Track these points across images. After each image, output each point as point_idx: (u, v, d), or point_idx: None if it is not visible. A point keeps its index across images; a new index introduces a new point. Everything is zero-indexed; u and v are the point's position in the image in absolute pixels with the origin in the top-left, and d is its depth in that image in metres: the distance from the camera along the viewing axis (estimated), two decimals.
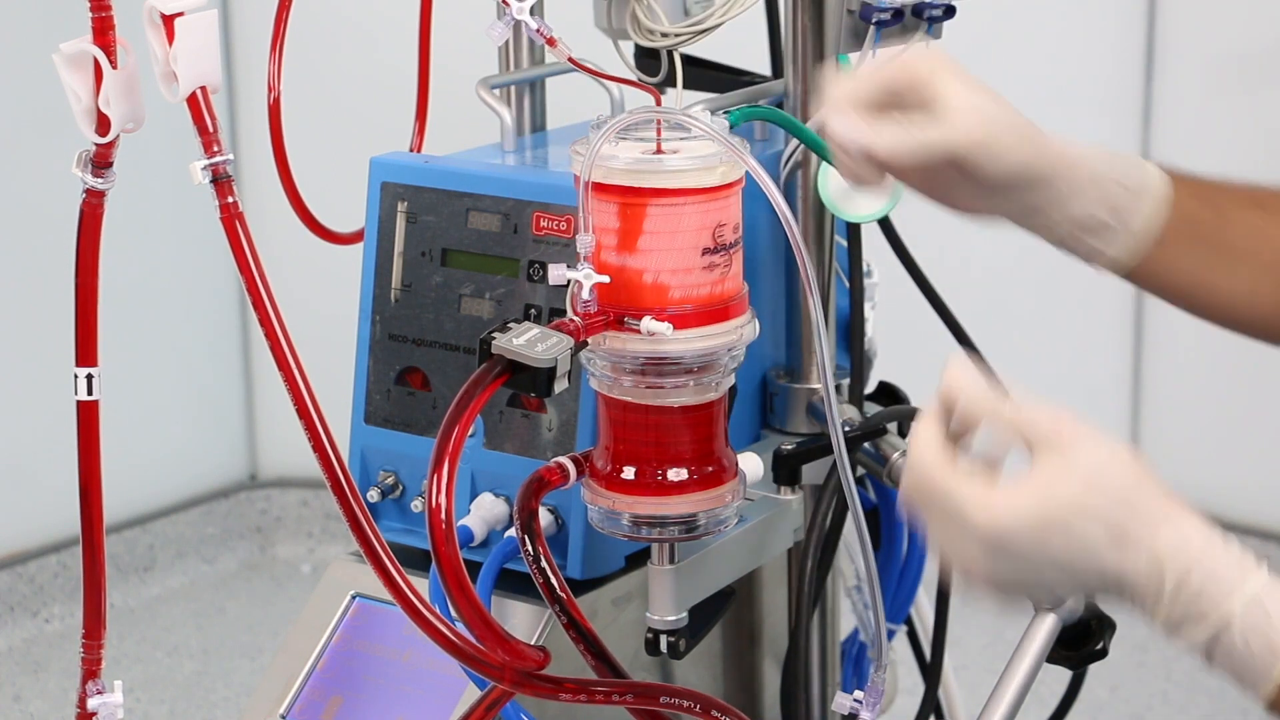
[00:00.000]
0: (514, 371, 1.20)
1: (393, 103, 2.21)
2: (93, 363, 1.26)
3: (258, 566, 3.57)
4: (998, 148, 1.28)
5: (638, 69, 1.65)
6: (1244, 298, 1.39)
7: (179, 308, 3.46)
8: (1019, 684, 1.43)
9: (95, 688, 1.31)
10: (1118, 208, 1.35)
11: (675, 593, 1.36)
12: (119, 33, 1.15)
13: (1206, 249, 1.38)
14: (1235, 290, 1.39)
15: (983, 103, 1.28)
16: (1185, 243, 1.37)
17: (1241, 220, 1.39)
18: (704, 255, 1.24)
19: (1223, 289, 1.39)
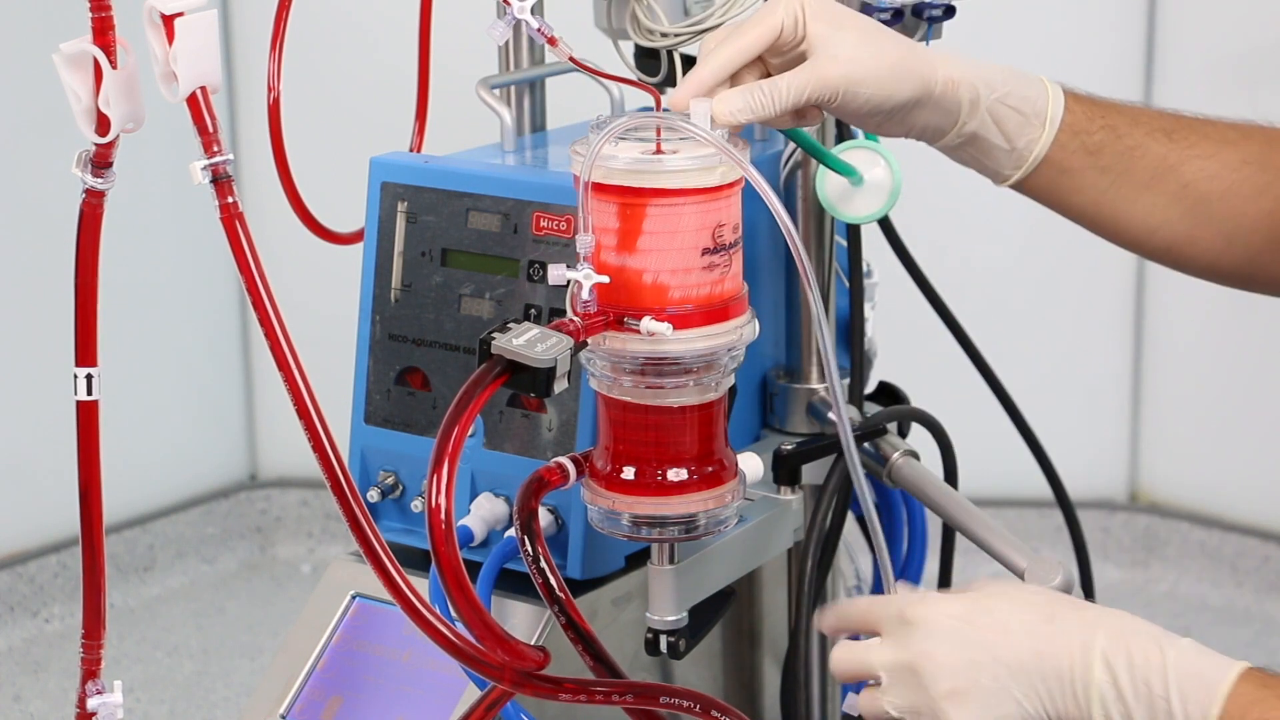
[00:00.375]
0: (514, 371, 1.20)
1: (393, 103, 2.21)
2: (92, 363, 1.26)
3: (258, 566, 3.57)
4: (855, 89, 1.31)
5: (638, 69, 1.65)
6: (1145, 225, 1.42)
7: (179, 308, 3.46)
8: None
9: (95, 688, 1.31)
10: (1007, 131, 1.38)
11: (675, 593, 1.36)
12: (119, 33, 1.14)
13: (1109, 176, 1.41)
14: (1136, 217, 1.42)
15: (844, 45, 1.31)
16: (1087, 170, 1.40)
17: (1148, 149, 1.41)
18: (704, 255, 1.24)
19: (1124, 215, 1.42)
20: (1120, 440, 3.37)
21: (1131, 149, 1.41)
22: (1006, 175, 1.41)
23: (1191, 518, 3.32)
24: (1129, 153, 1.41)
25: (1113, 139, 1.41)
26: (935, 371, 2.09)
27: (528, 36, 1.64)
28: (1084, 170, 1.40)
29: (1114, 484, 3.39)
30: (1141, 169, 1.41)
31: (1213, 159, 1.42)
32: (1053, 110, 1.39)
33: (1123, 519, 3.34)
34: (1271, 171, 1.42)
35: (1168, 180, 1.41)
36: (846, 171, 1.48)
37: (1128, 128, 1.42)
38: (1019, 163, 1.39)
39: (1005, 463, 2.17)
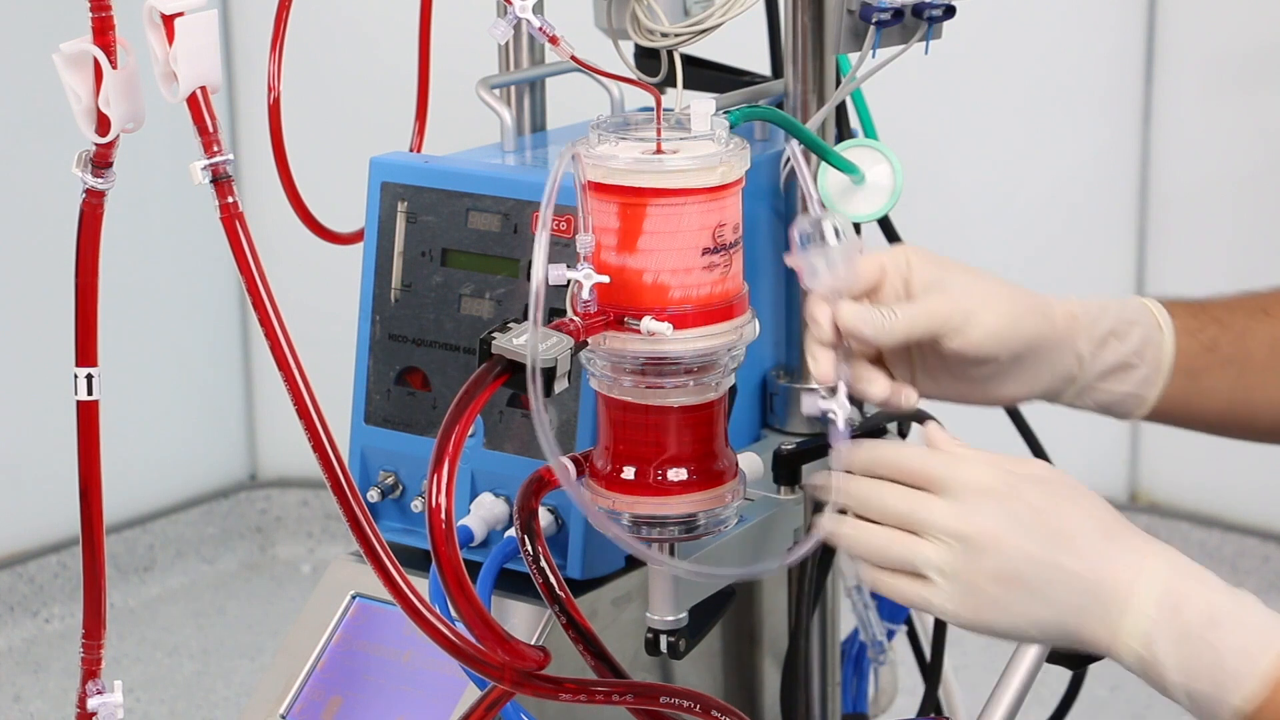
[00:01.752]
0: (514, 371, 1.20)
1: (393, 103, 2.21)
2: (93, 363, 1.26)
3: (258, 566, 3.57)
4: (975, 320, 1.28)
5: (638, 69, 1.65)
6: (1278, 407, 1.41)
7: (179, 308, 3.46)
8: (1019, 684, 1.43)
9: (95, 688, 1.31)
10: (1139, 349, 1.36)
11: (675, 593, 1.36)
12: (119, 33, 1.14)
13: (1233, 368, 1.39)
14: (1268, 402, 1.40)
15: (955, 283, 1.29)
16: (1212, 367, 1.38)
17: (1255, 331, 1.40)
18: (704, 255, 1.24)
19: (1258, 404, 1.41)
20: (1120, 440, 3.37)
21: (1241, 334, 1.39)
22: (1146, 398, 1.37)
23: (1191, 518, 3.32)
24: (1240, 338, 1.39)
25: (1222, 330, 1.39)
26: None
27: (528, 36, 1.64)
28: (1209, 369, 1.38)
29: (1114, 484, 3.39)
30: (1257, 351, 1.39)
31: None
32: (1161, 317, 1.37)
33: None
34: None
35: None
36: (848, 169, 1.48)
37: (1229, 315, 1.40)
38: (1155, 377, 1.36)
39: None
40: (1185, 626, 1.12)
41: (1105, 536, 1.16)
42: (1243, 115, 3.19)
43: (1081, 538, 1.16)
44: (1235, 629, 1.11)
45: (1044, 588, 1.15)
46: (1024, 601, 1.15)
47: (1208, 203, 3.24)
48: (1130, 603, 1.13)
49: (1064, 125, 3.29)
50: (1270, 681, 1.09)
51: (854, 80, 1.52)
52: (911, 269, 1.28)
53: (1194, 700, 1.12)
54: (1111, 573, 1.14)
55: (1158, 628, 1.12)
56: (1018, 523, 1.16)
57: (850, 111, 1.66)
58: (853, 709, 1.90)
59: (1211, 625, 1.11)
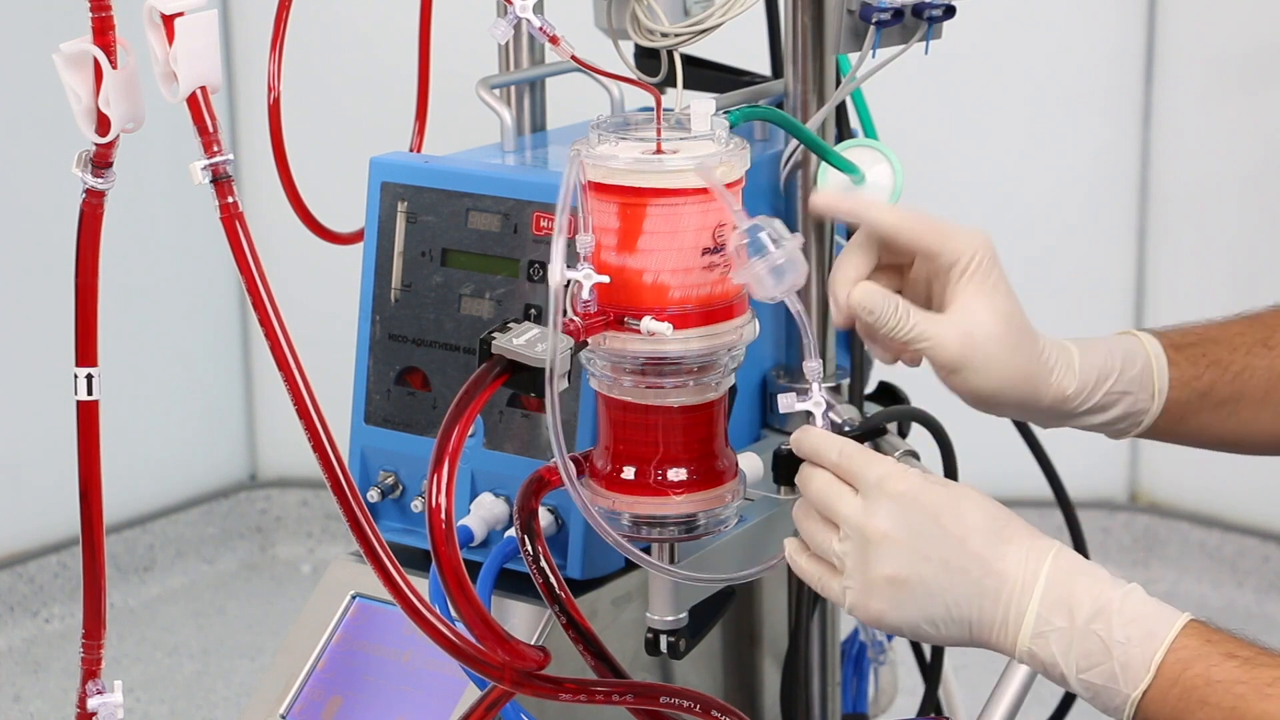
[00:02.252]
0: (514, 371, 1.20)
1: (393, 103, 2.21)
2: (93, 363, 1.26)
3: (258, 566, 3.57)
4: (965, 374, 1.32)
5: (638, 69, 1.65)
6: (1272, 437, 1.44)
7: (179, 308, 3.46)
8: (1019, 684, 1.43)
9: (95, 688, 1.31)
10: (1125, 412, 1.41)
11: (675, 593, 1.36)
12: (119, 33, 1.14)
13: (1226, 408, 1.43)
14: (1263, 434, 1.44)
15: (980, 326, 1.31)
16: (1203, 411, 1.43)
17: (1254, 369, 1.42)
18: (704, 255, 1.24)
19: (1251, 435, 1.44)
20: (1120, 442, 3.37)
21: (1239, 374, 1.42)
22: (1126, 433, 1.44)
23: (1191, 518, 3.32)
24: (1237, 379, 1.42)
25: (1219, 373, 1.42)
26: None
27: (528, 36, 1.64)
28: (1199, 412, 1.42)
29: (1114, 484, 3.39)
30: (1254, 389, 1.42)
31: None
32: (1159, 380, 1.41)
33: (1123, 519, 3.34)
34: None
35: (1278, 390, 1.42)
36: (849, 169, 1.48)
37: (1228, 356, 1.43)
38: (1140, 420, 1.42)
39: (1005, 463, 2.17)
40: (1076, 623, 1.15)
41: (999, 538, 1.19)
42: (1243, 115, 3.19)
43: (975, 539, 1.18)
44: (1124, 622, 1.14)
45: (936, 587, 1.18)
46: (917, 600, 1.18)
47: (1208, 203, 3.23)
48: (1022, 602, 1.16)
49: (1064, 125, 3.28)
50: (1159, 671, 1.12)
51: (854, 80, 1.52)
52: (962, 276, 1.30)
53: (1091, 691, 1.15)
54: (1003, 573, 1.17)
55: (1049, 626, 1.15)
56: (913, 523, 1.19)
57: (850, 111, 1.65)
58: (853, 709, 1.90)
59: (1101, 619, 1.14)
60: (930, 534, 1.18)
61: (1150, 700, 1.12)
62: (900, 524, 1.19)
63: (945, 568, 1.18)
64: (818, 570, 1.23)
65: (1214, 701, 1.11)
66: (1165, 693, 1.12)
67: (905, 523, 1.19)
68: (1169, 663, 1.12)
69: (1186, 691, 1.11)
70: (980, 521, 1.19)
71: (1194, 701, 1.11)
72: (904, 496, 1.19)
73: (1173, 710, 1.12)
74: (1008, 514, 1.21)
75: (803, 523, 1.25)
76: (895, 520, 1.19)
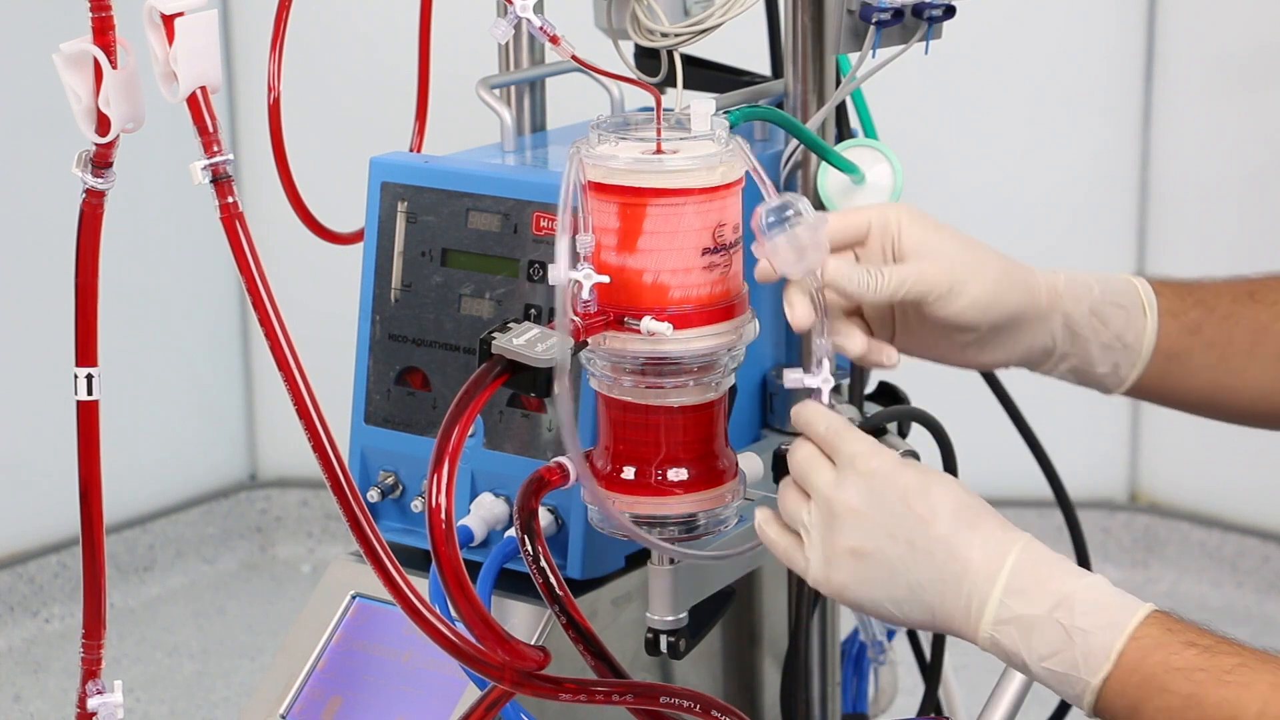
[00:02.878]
0: (514, 371, 1.20)
1: (393, 103, 2.21)
2: (93, 363, 1.26)
3: (258, 566, 3.57)
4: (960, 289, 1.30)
5: (638, 69, 1.65)
6: (1259, 391, 1.42)
7: (179, 308, 3.46)
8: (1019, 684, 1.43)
9: (95, 688, 1.31)
10: (1115, 329, 1.37)
11: (675, 593, 1.36)
12: (119, 33, 1.14)
13: (1215, 351, 1.40)
14: (1249, 386, 1.41)
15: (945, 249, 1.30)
16: (1194, 350, 1.40)
17: (1240, 315, 1.41)
18: (704, 255, 1.24)
19: (1238, 387, 1.41)
20: (1120, 440, 3.37)
21: (1226, 318, 1.41)
22: (1123, 377, 1.39)
23: (1191, 518, 3.32)
24: (1225, 322, 1.41)
25: (1207, 313, 1.41)
26: (935, 372, 2.09)
27: (528, 36, 1.64)
28: (1191, 351, 1.40)
29: (1114, 484, 3.39)
30: (1241, 336, 1.41)
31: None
32: (1146, 297, 1.39)
33: (1123, 519, 3.34)
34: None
35: (1265, 342, 1.41)
36: (849, 169, 1.48)
37: (1215, 299, 1.42)
38: (1133, 359, 1.39)
39: (1005, 463, 2.17)
40: (1039, 611, 1.14)
41: (966, 524, 1.18)
42: (1243, 115, 3.19)
43: (942, 523, 1.18)
44: (1086, 611, 1.14)
45: (900, 566, 1.18)
46: (879, 578, 1.19)
47: (1208, 203, 3.23)
48: (985, 589, 1.16)
49: (1064, 125, 3.28)
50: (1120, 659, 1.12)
51: (854, 80, 1.52)
52: (901, 229, 1.30)
53: (1052, 679, 1.15)
54: (967, 558, 1.17)
55: (1012, 613, 1.15)
56: (881, 500, 1.19)
57: (850, 111, 1.66)
58: (853, 709, 1.90)
59: (1063, 608, 1.14)
60: (897, 513, 1.18)
61: (1110, 688, 1.12)
62: (868, 499, 1.19)
63: (910, 548, 1.18)
64: (785, 541, 1.24)
65: (1173, 688, 1.11)
66: (1125, 680, 1.12)
67: (873, 499, 1.19)
68: (1130, 651, 1.12)
69: (1146, 679, 1.11)
70: (949, 506, 1.19)
71: (1153, 689, 1.11)
72: (875, 474, 1.19)
73: (1132, 698, 1.12)
74: (979, 504, 1.20)
75: (782, 492, 1.25)
76: (864, 495, 1.19)
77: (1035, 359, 1.38)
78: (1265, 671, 1.10)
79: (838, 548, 1.19)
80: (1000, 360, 1.37)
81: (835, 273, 1.26)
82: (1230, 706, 1.09)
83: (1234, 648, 1.12)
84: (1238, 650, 1.12)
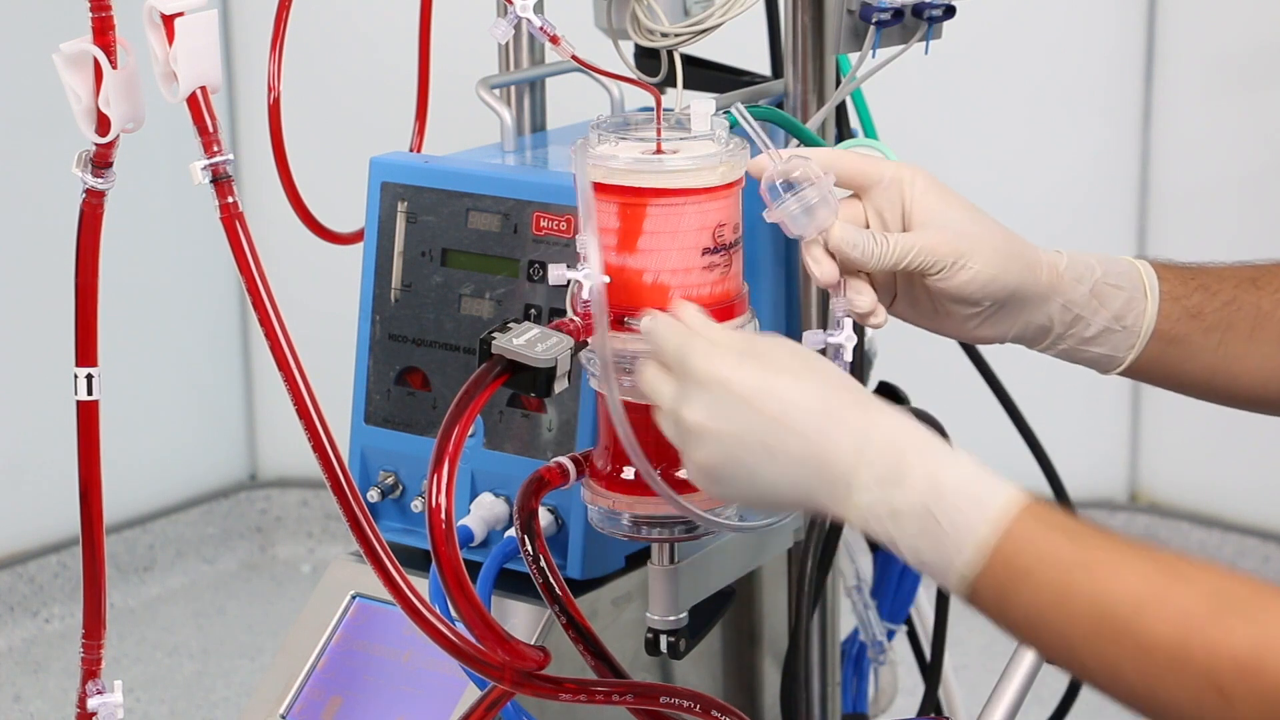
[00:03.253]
0: (514, 371, 1.20)
1: (393, 103, 2.21)
2: (93, 363, 1.26)
3: (258, 566, 3.57)
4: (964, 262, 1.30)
5: (638, 69, 1.65)
6: (1258, 376, 1.40)
7: (179, 308, 3.46)
8: (1019, 684, 1.43)
9: (95, 688, 1.31)
10: (1114, 310, 1.37)
11: (675, 593, 1.36)
12: (119, 33, 1.14)
13: (1215, 335, 1.39)
14: (1248, 371, 1.40)
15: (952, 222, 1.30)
16: (1193, 334, 1.39)
17: (1242, 300, 1.40)
18: (704, 255, 1.24)
19: (1238, 372, 1.40)
20: (1120, 440, 3.37)
21: (1227, 303, 1.39)
22: (1120, 359, 1.38)
23: (1191, 518, 3.32)
24: (1226, 307, 1.39)
25: (1208, 297, 1.39)
26: (935, 371, 2.09)
27: (528, 36, 1.64)
28: (1190, 335, 1.39)
29: (1114, 484, 3.39)
30: (1242, 321, 1.39)
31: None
32: (1148, 280, 1.38)
33: (1123, 519, 3.34)
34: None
35: (1267, 328, 1.39)
36: None
37: (1217, 284, 1.40)
38: (1132, 340, 1.38)
39: (1005, 463, 2.15)
40: (907, 497, 1.12)
41: (824, 414, 1.15)
42: (1243, 115, 3.19)
43: (797, 417, 1.15)
44: (956, 496, 1.11)
45: (759, 470, 1.15)
46: (742, 481, 1.16)
47: (1208, 203, 3.23)
48: (852, 479, 1.13)
49: (1064, 125, 3.29)
50: (987, 548, 1.10)
51: (854, 80, 1.52)
52: (915, 195, 1.30)
53: (924, 567, 1.13)
54: (831, 450, 1.14)
55: (881, 503, 1.13)
56: (727, 410, 1.16)
57: (850, 111, 1.66)
58: (853, 709, 1.90)
59: (933, 494, 1.11)
60: (745, 420, 1.15)
61: (981, 578, 1.11)
62: (712, 413, 1.16)
63: (766, 450, 1.15)
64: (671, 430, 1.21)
65: (1041, 575, 1.09)
66: (994, 566, 1.10)
67: (718, 411, 1.16)
68: (998, 537, 1.10)
69: (1015, 569, 1.10)
70: (798, 401, 1.15)
71: (1021, 574, 1.09)
72: (713, 383, 1.16)
73: (1002, 584, 1.10)
74: (832, 386, 1.17)
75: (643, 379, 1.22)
76: (708, 409, 1.16)
77: (1033, 336, 1.37)
78: (1135, 559, 1.08)
79: (697, 460, 1.17)
80: (998, 335, 1.36)
81: (841, 238, 1.26)
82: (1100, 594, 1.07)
83: (1104, 536, 1.10)
84: (1107, 537, 1.11)
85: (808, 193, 1.24)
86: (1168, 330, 1.38)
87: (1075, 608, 1.08)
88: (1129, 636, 1.06)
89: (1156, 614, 1.06)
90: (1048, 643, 1.11)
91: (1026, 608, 1.10)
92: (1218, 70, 3.20)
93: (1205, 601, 1.06)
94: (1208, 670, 1.03)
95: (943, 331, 1.36)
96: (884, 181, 1.30)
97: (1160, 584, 1.07)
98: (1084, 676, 1.10)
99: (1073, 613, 1.08)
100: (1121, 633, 1.07)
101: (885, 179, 1.30)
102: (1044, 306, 1.35)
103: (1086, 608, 1.08)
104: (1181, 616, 1.05)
